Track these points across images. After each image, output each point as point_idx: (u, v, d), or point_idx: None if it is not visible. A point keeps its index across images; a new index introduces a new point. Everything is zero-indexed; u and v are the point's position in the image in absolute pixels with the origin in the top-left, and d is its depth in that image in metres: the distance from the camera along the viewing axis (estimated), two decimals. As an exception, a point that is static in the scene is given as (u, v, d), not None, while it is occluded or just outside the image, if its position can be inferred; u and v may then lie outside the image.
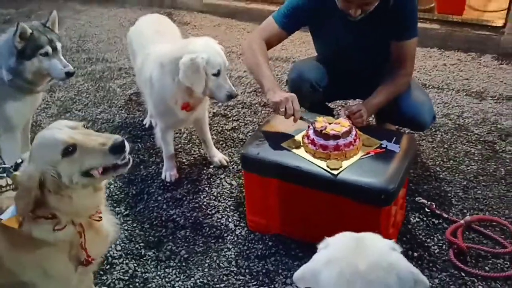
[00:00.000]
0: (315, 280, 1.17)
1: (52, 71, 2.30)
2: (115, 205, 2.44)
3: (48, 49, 2.26)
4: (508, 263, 2.05)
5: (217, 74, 2.21)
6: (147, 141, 2.95)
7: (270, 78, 2.18)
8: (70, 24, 4.96)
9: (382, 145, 2.01)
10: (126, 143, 1.47)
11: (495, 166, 2.62)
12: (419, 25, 2.35)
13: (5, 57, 2.25)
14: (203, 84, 2.19)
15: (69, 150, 1.39)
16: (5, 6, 5.57)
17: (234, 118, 3.14)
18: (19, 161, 1.47)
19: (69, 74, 2.33)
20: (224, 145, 2.89)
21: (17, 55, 2.22)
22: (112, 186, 2.56)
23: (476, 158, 2.69)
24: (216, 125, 3.07)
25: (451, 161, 2.67)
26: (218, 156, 2.71)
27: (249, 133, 2.98)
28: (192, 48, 2.20)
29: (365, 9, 2.10)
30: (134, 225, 2.32)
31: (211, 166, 2.70)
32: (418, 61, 3.81)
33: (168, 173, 2.62)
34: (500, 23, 4.00)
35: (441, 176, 2.56)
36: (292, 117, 2.05)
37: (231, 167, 2.70)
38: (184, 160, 2.78)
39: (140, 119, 3.18)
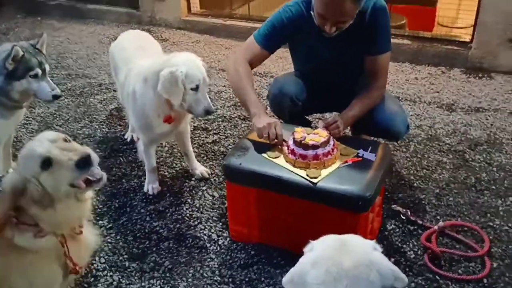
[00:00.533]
0: (302, 281, 1.24)
1: (40, 93, 2.34)
2: (98, 218, 2.46)
3: (38, 71, 2.30)
4: (480, 266, 2.15)
5: (195, 89, 2.26)
6: (129, 155, 2.98)
7: (255, 102, 2.26)
8: (48, 41, 4.85)
9: (359, 154, 2.10)
10: (93, 158, 1.51)
11: (465, 175, 2.74)
12: (391, 40, 2.47)
13: None
14: (180, 97, 2.24)
15: (45, 163, 1.47)
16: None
17: (214, 132, 3.21)
18: (10, 170, 1.52)
19: (55, 97, 2.37)
20: (205, 158, 2.95)
21: (6, 75, 2.24)
22: (94, 199, 2.59)
23: (448, 167, 2.81)
24: (197, 138, 3.13)
25: (424, 170, 2.78)
26: (200, 169, 2.77)
27: (230, 146, 3.04)
28: (173, 62, 2.26)
29: (340, 27, 2.20)
30: (118, 237, 2.35)
31: (193, 179, 2.75)
32: (391, 75, 3.95)
33: (151, 186, 2.65)
34: (467, 38, 4.19)
35: (415, 184, 2.66)
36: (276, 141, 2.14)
37: (212, 179, 2.75)
38: (166, 173, 2.82)
39: (122, 133, 3.22)
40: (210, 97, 2.39)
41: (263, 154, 2.13)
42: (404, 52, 4.24)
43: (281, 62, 4.30)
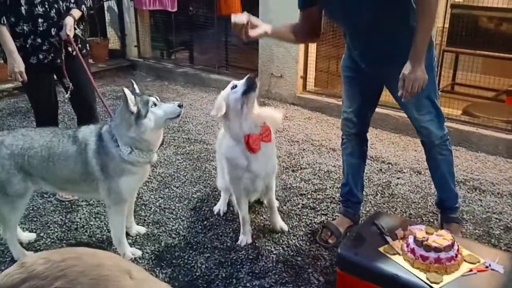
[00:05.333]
0: None
1: (169, 113, 2.48)
2: (205, 285, 2.52)
3: (154, 100, 2.47)
4: None
5: (234, 87, 2.62)
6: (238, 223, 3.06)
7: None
8: (173, 105, 5.40)
9: (485, 264, 1.98)
10: None
11: None
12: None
13: (123, 133, 2.46)
14: (223, 108, 2.58)
15: None
16: (118, 83, 6.21)
17: (323, 212, 3.20)
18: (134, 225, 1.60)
19: (180, 106, 2.51)
20: (311, 238, 2.94)
21: (135, 120, 2.41)
22: (203, 266, 2.66)
23: None
24: (305, 217, 3.14)
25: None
26: (280, 223, 2.99)
27: (337, 230, 3.01)
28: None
29: None
30: (222, 308, 2.37)
31: (299, 259, 2.73)
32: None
33: (245, 238, 2.88)
34: None
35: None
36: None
37: (318, 262, 2.72)
38: (273, 249, 2.83)
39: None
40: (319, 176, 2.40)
41: (380, 249, 2.09)
42: None
43: (393, 147, 4.27)
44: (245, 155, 2.65)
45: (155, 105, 2.46)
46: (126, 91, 2.39)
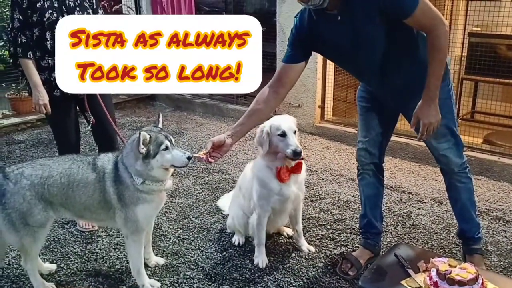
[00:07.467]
0: None
1: (176, 161, 2.50)
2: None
3: (167, 143, 2.50)
4: None
5: (282, 135, 2.67)
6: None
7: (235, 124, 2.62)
8: (192, 135, 5.46)
9: (512, 298, 1.92)
10: None
11: None
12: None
13: (132, 164, 2.51)
14: (267, 145, 2.71)
15: None
16: (138, 114, 6.31)
17: (343, 243, 3.16)
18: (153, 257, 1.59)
19: (189, 159, 2.52)
20: (331, 270, 2.89)
21: (143, 158, 2.46)
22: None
23: None
24: (324, 248, 3.11)
25: None
26: (306, 245, 3.10)
27: (358, 261, 2.96)
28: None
29: None
30: None
31: (319, 291, 2.70)
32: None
33: (261, 259, 2.95)
34: None
35: None
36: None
37: (339, 295, 2.68)
38: (292, 281, 2.80)
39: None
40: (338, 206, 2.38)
41: (402, 282, 2.05)
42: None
43: (413, 177, 4.22)
44: (276, 180, 2.78)
45: (167, 148, 2.51)
46: (143, 134, 2.43)
